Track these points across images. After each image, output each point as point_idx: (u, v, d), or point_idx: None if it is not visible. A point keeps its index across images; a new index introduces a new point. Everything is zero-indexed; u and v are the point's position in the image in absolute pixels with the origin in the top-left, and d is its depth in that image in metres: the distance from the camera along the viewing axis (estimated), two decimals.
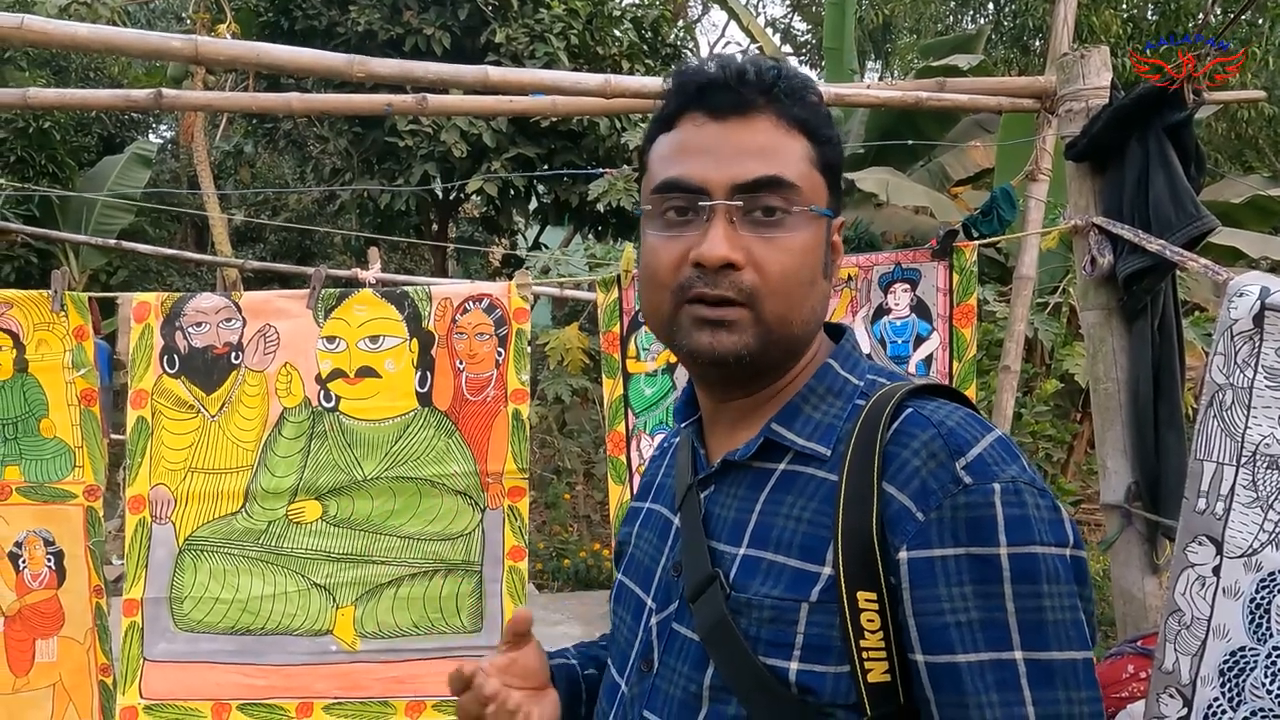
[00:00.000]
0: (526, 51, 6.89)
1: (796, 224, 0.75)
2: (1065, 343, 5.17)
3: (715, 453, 0.83)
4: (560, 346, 5.00)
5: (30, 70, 9.12)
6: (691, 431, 0.86)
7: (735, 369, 0.76)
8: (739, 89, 0.75)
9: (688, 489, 0.82)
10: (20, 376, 1.99)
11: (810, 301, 0.77)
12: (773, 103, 0.76)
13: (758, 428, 0.79)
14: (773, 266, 0.74)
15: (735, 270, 0.73)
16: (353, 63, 2.08)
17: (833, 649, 0.69)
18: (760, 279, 0.74)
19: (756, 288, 0.74)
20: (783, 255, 0.74)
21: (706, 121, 0.76)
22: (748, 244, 0.74)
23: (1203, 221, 1.74)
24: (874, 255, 2.09)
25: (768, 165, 0.74)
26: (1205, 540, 1.41)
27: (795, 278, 0.75)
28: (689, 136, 0.77)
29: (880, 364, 0.85)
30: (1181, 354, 1.90)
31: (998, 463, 0.69)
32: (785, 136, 0.76)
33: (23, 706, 2.01)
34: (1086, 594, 0.69)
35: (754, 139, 0.75)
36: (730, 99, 0.75)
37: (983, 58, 7.98)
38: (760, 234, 0.74)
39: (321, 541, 1.97)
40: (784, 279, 0.74)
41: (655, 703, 0.78)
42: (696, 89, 0.77)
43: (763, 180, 0.74)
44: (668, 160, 0.78)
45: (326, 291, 2.02)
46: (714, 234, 0.73)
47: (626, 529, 0.94)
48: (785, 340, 0.76)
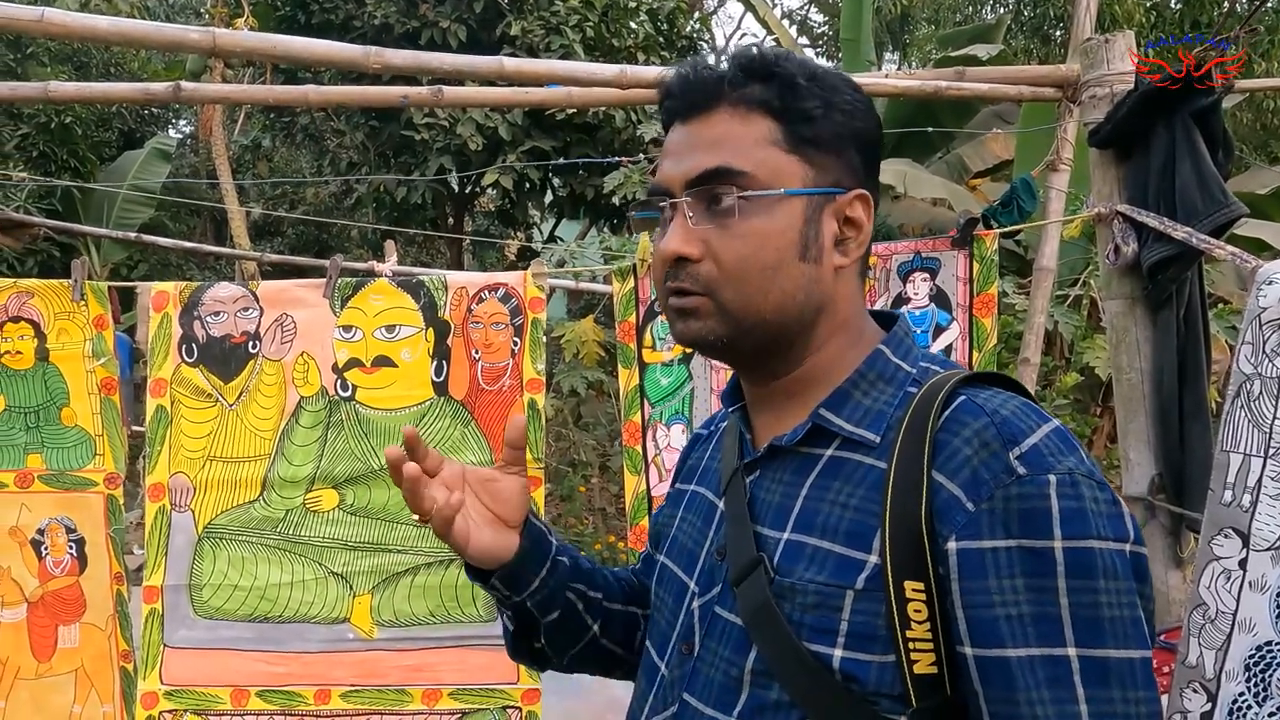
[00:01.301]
0: (542, 44, 6.89)
1: (752, 210, 0.75)
2: (1085, 335, 5.11)
3: (761, 437, 0.82)
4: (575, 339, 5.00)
5: (52, 66, 9.22)
6: (738, 417, 0.86)
7: (716, 352, 0.79)
8: (690, 93, 0.78)
9: (733, 473, 0.82)
10: (41, 365, 2.01)
11: (778, 285, 0.75)
12: (734, 90, 0.76)
13: (805, 413, 0.78)
14: (726, 255, 0.75)
15: (693, 263, 0.76)
16: (369, 54, 2.08)
17: (878, 638, 0.68)
18: (716, 268, 0.76)
19: (712, 278, 0.76)
20: (737, 243, 0.75)
21: (679, 125, 0.80)
22: (705, 235, 0.76)
23: (1231, 208, 1.70)
24: (893, 244, 2.06)
25: (714, 157, 0.76)
26: (1231, 533, 1.39)
27: (753, 263, 0.75)
28: (668, 141, 0.81)
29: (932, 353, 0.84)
30: (1207, 344, 1.87)
31: (1054, 454, 0.67)
32: (740, 124, 0.76)
33: (46, 691, 2.03)
34: (1147, 591, 0.67)
35: (708, 133, 0.77)
36: (687, 101, 0.78)
37: (1002, 47, 7.89)
38: (718, 224, 0.76)
39: (338, 530, 1.98)
40: (739, 267, 0.75)
41: (695, 685, 0.78)
42: (666, 96, 0.80)
43: (707, 173, 0.76)
44: (658, 165, 0.82)
45: (343, 281, 2.02)
46: (670, 231, 0.77)
47: (669, 510, 0.94)
48: (758, 326, 0.76)
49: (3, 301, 2.00)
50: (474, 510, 0.85)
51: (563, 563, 0.91)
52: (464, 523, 0.83)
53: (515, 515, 0.87)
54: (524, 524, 0.88)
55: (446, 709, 1.97)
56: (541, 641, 0.93)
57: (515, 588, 0.88)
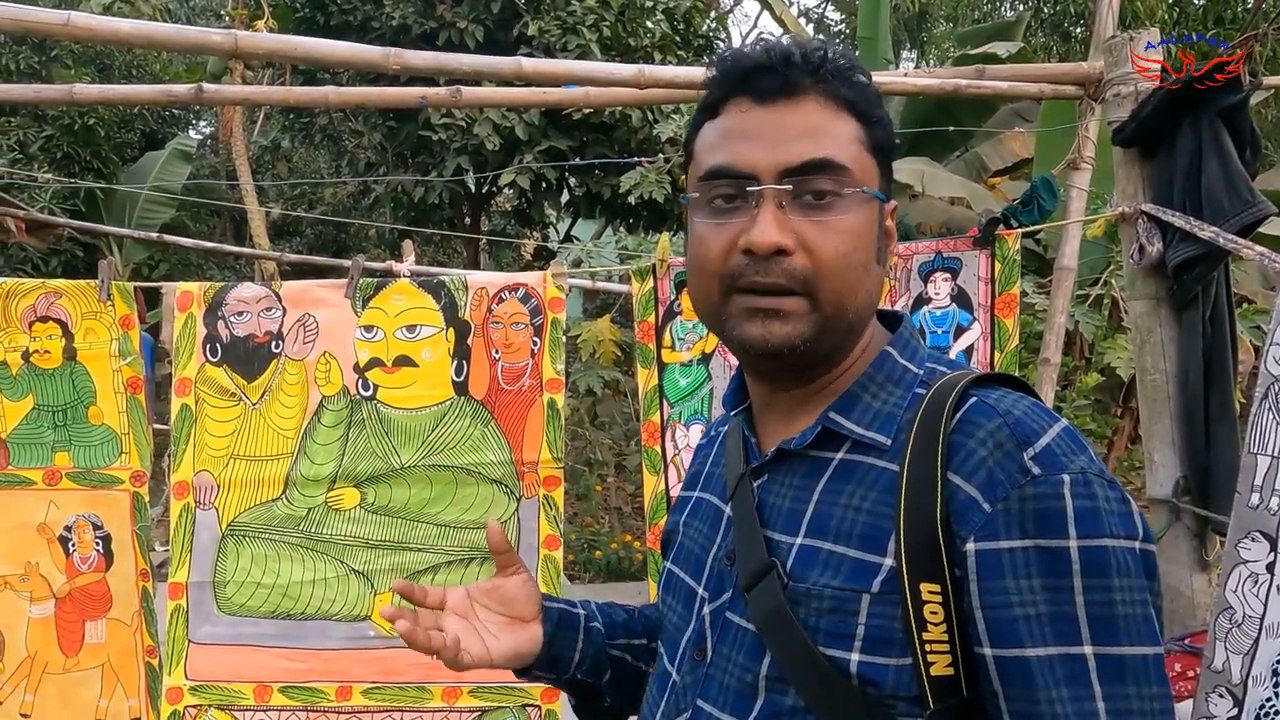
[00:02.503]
0: (559, 44, 6.90)
1: (848, 206, 0.73)
2: (1106, 335, 5.06)
3: (767, 441, 0.82)
4: (592, 339, 5.02)
5: (76, 68, 9.34)
6: (741, 420, 0.85)
7: (789, 359, 0.74)
8: (784, 72, 0.74)
9: (740, 478, 0.81)
10: (69, 365, 2.04)
11: (865, 286, 0.75)
12: (819, 84, 0.74)
13: (813, 416, 0.78)
14: (826, 250, 0.72)
15: (786, 256, 0.72)
16: (388, 55, 2.09)
17: (895, 641, 0.68)
18: (813, 263, 0.72)
19: (810, 272, 0.72)
20: (835, 238, 0.72)
21: (752, 106, 0.75)
22: (799, 228, 0.72)
23: (1258, 207, 1.68)
24: (914, 244, 2.05)
25: (817, 147, 0.73)
26: (1259, 536, 1.37)
27: (849, 260, 0.73)
28: (735, 122, 0.75)
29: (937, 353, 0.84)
30: (1234, 345, 1.85)
31: (1066, 453, 0.67)
32: (833, 118, 0.74)
33: (73, 685, 2.06)
34: (1156, 588, 0.68)
35: (802, 121, 0.73)
36: (776, 82, 0.74)
37: (1022, 45, 7.82)
38: (811, 217, 0.72)
39: (360, 528, 2.00)
40: (838, 262, 0.72)
41: (710, 691, 0.77)
42: (741, 74, 0.75)
43: (812, 163, 0.72)
44: (714, 148, 0.76)
45: (364, 281, 2.04)
46: (764, 219, 0.72)
47: (675, 518, 0.93)
48: (840, 327, 0.75)
49: (31, 301, 2.03)
50: (489, 623, 0.88)
51: (596, 628, 0.93)
52: (479, 645, 0.86)
53: (529, 610, 0.90)
54: (542, 611, 0.91)
55: (466, 706, 1.98)
56: (607, 700, 0.96)
57: (557, 669, 0.91)
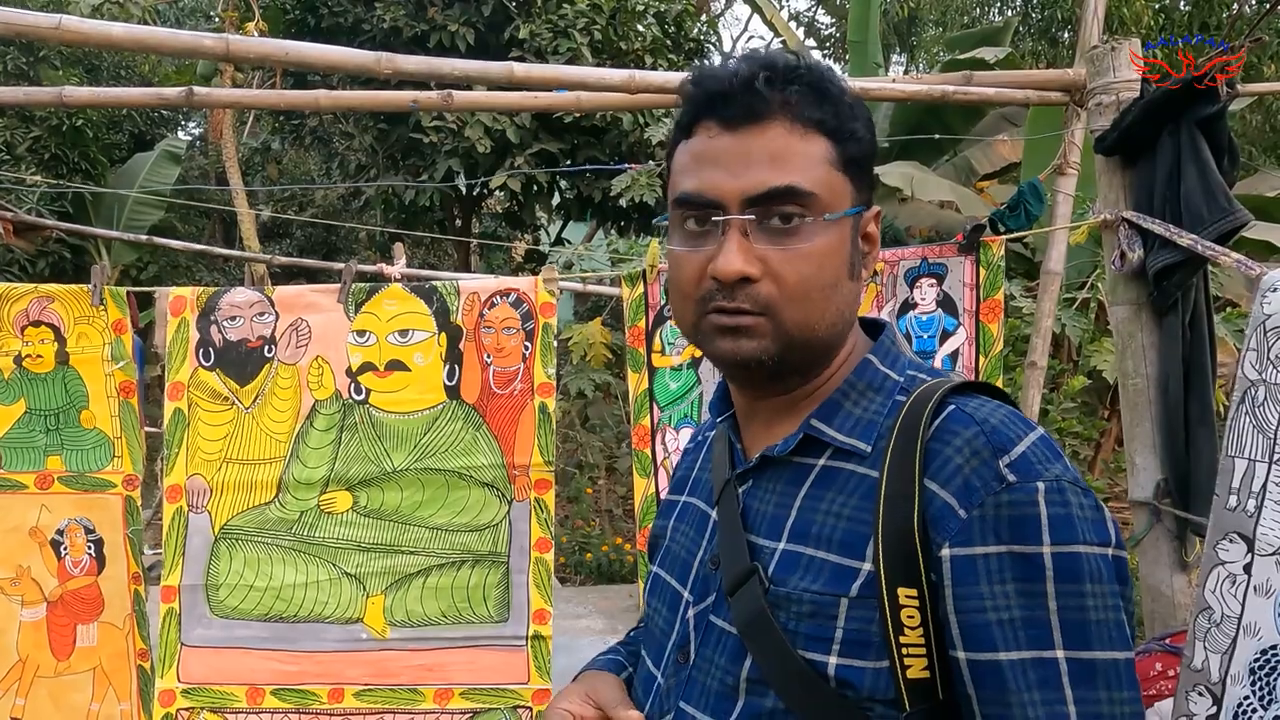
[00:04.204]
0: (550, 47, 6.91)
1: (814, 231, 0.74)
2: (1093, 339, 5.10)
3: (752, 447, 0.83)
4: (583, 341, 5.02)
5: (64, 69, 9.29)
6: (727, 426, 0.86)
7: (759, 371, 0.77)
8: (747, 99, 0.74)
9: (725, 483, 0.83)
10: (62, 369, 2.04)
11: (834, 304, 0.76)
12: (785, 107, 0.74)
13: (796, 423, 0.79)
14: (790, 276, 0.74)
15: (751, 283, 0.73)
16: (380, 60, 2.11)
17: (872, 644, 0.69)
18: (778, 289, 0.74)
19: (773, 298, 0.74)
20: (800, 263, 0.74)
21: (719, 132, 0.75)
22: (764, 254, 0.73)
23: (1235, 216, 1.72)
24: (900, 250, 2.08)
25: (780, 174, 0.73)
26: (1236, 538, 1.40)
27: (814, 283, 0.74)
28: (704, 147, 0.76)
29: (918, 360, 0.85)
30: (1213, 350, 1.88)
31: (1041, 461, 0.69)
32: (800, 141, 0.74)
33: (64, 689, 2.06)
34: (1128, 594, 0.69)
35: (766, 147, 0.74)
36: (740, 108, 0.74)
37: (1010, 50, 7.86)
38: (776, 244, 0.74)
39: (352, 531, 2.01)
40: (802, 287, 0.74)
41: (692, 694, 0.79)
42: (707, 99, 0.76)
43: (775, 191, 0.73)
44: (685, 171, 0.77)
45: (357, 286, 2.05)
46: (728, 248, 0.73)
47: (661, 522, 0.95)
48: (808, 344, 0.76)
49: (24, 306, 2.03)
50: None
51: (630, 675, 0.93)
52: None
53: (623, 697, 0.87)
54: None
55: (458, 708, 1.99)
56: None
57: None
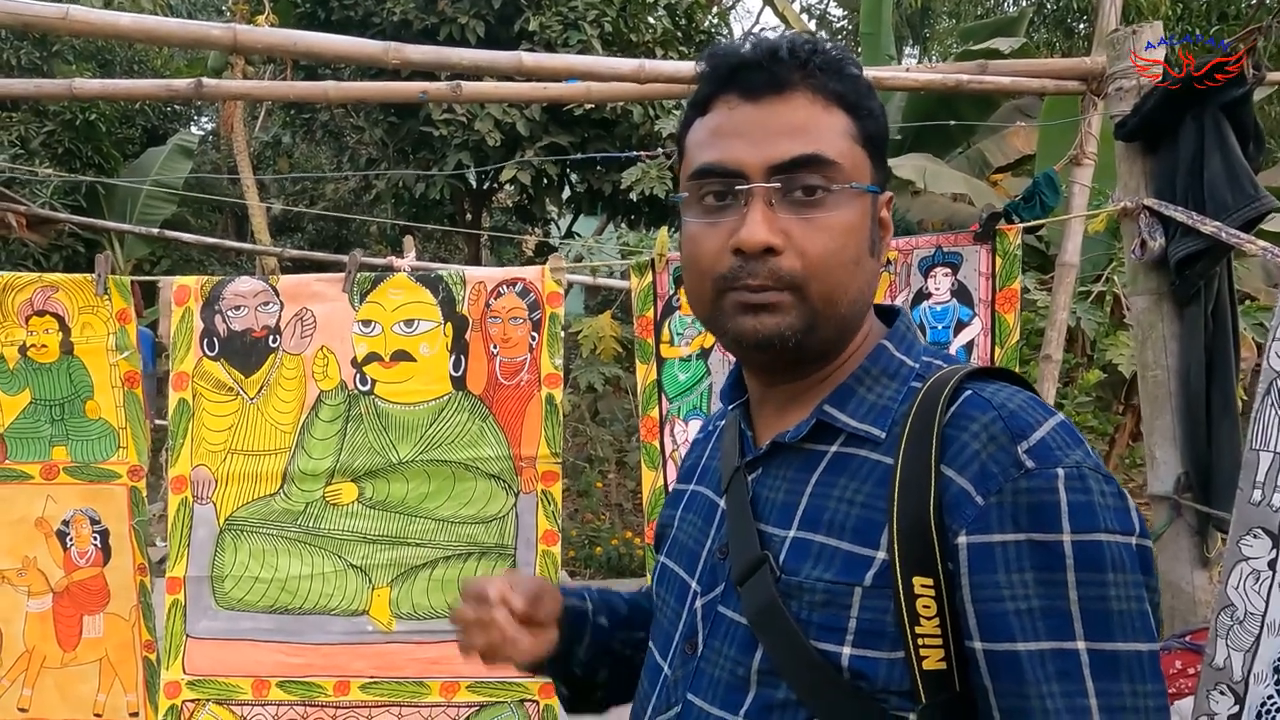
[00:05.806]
0: (560, 39, 6.89)
1: (838, 202, 0.73)
2: (1108, 332, 5.04)
3: (763, 435, 0.81)
4: (593, 335, 5.01)
5: (77, 63, 9.34)
6: (738, 414, 0.85)
7: (780, 351, 0.74)
8: (771, 68, 0.73)
9: (734, 471, 0.81)
10: (66, 359, 2.03)
11: (857, 281, 0.75)
12: (808, 79, 0.73)
13: (808, 409, 0.77)
14: (815, 248, 0.72)
15: (775, 255, 0.72)
16: (388, 50, 2.08)
17: (887, 634, 0.67)
18: (802, 263, 0.72)
19: (796, 272, 0.72)
20: (825, 235, 0.72)
21: (740, 103, 0.74)
22: (788, 226, 0.72)
23: (1262, 202, 1.67)
24: (914, 239, 2.04)
25: (805, 143, 0.72)
26: (1260, 533, 1.36)
27: (839, 257, 0.73)
28: (724, 120, 0.75)
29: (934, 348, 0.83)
30: (1236, 341, 1.84)
31: (1061, 447, 0.66)
32: (823, 112, 0.73)
33: (71, 680, 2.06)
34: (1152, 584, 0.67)
35: (790, 117, 0.73)
36: (763, 78, 0.73)
37: (1025, 40, 7.78)
38: (801, 215, 0.72)
39: (358, 523, 1.99)
40: (827, 260, 0.72)
41: (700, 685, 0.77)
42: (729, 70, 0.75)
43: (800, 159, 0.72)
44: (703, 145, 0.76)
45: (362, 276, 2.03)
46: (752, 218, 0.72)
47: (669, 512, 0.93)
48: (832, 321, 0.74)
49: (28, 296, 2.02)
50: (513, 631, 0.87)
51: (601, 624, 0.94)
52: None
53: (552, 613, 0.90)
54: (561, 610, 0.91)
55: (464, 701, 1.98)
56: (600, 693, 0.96)
57: (558, 664, 0.92)
